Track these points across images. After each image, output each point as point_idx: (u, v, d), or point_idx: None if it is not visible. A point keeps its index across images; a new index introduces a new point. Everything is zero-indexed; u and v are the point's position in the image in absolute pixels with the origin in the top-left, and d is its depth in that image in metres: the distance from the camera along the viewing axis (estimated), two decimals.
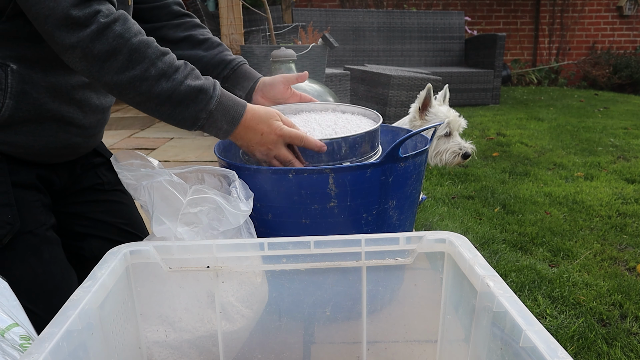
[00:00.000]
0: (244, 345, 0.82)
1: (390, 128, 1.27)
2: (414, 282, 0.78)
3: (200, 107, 0.87)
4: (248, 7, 3.36)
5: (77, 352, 0.58)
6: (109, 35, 0.80)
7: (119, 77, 0.82)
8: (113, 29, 0.80)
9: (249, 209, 0.85)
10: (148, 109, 0.87)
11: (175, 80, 0.84)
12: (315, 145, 0.94)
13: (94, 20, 0.78)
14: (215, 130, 0.91)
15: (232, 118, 0.90)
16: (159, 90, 0.84)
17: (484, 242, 2.19)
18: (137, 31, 0.83)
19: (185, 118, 0.87)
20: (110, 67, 0.81)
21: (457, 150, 1.64)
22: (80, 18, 0.78)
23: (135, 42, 0.81)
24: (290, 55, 1.67)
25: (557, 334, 1.55)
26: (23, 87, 0.90)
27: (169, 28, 1.13)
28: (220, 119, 0.89)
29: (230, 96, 0.91)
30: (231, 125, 0.90)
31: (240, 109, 0.91)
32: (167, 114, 0.87)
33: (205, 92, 0.87)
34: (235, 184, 0.88)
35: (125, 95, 0.85)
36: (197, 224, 0.82)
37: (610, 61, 7.08)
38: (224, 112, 0.89)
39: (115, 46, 0.80)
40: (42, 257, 0.95)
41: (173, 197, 0.82)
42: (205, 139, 3.43)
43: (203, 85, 0.87)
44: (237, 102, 0.91)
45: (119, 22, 0.81)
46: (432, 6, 7.14)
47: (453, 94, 5.42)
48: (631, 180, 3.03)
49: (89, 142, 1.06)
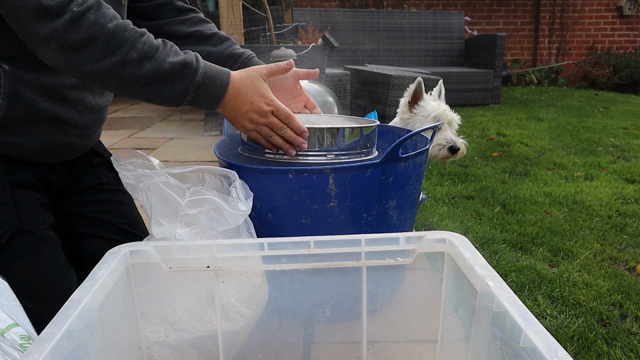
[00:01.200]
0: (244, 345, 0.82)
1: (390, 128, 1.27)
2: (414, 282, 0.78)
3: (187, 81, 0.86)
4: (248, 7, 3.36)
5: (77, 352, 0.58)
6: (84, 24, 0.78)
7: (99, 65, 0.80)
8: (87, 17, 0.78)
9: (247, 209, 0.85)
10: (134, 92, 0.85)
11: (158, 60, 0.83)
12: (298, 127, 0.93)
13: (67, 9, 0.77)
14: (204, 102, 0.89)
15: (219, 88, 0.89)
16: (143, 72, 0.82)
17: (484, 242, 2.19)
18: (112, 16, 0.81)
19: (173, 95, 0.86)
20: (89, 56, 0.79)
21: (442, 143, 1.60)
22: (53, 7, 0.76)
23: (112, 27, 0.80)
24: (290, 55, 1.67)
25: (557, 334, 1.55)
26: (16, 87, 0.90)
27: (174, 24, 1.12)
28: (207, 90, 0.88)
29: (213, 66, 0.90)
30: (219, 95, 0.89)
31: (225, 77, 0.90)
32: (154, 94, 0.85)
33: (189, 66, 0.85)
34: (235, 184, 0.88)
35: (108, 83, 0.83)
36: (196, 225, 0.82)
37: (610, 61, 7.08)
38: (210, 82, 0.88)
39: (92, 34, 0.78)
40: (41, 257, 0.95)
41: (171, 199, 0.82)
42: (205, 139, 3.43)
43: (185, 59, 0.86)
44: (221, 70, 0.90)
45: (92, 9, 0.79)
46: (432, 6, 7.14)
47: (453, 94, 5.42)
48: (631, 180, 3.03)
49: (85, 141, 1.06)
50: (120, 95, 0.90)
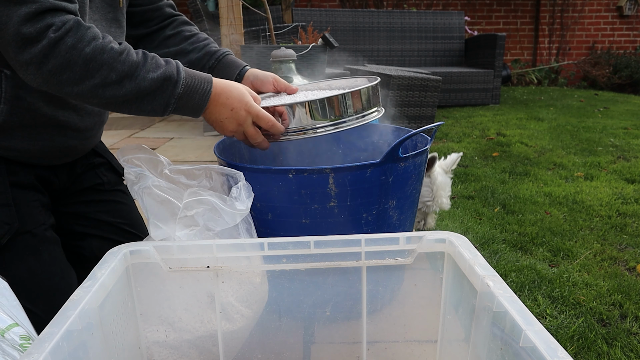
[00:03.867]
0: (244, 345, 0.82)
1: (390, 128, 1.27)
2: (414, 282, 0.78)
3: (168, 94, 0.86)
4: (248, 7, 3.36)
5: (77, 352, 0.58)
6: (62, 49, 0.77)
7: (79, 87, 0.80)
8: (65, 42, 0.77)
9: (245, 207, 0.84)
10: (115, 109, 0.86)
11: (139, 77, 0.83)
12: (278, 130, 0.95)
13: (44, 35, 0.76)
14: (187, 111, 0.90)
15: (201, 96, 0.90)
16: (124, 92, 0.83)
17: (484, 242, 2.19)
18: (90, 38, 0.80)
19: (155, 108, 0.87)
20: (68, 80, 0.80)
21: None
22: (32, 34, 0.76)
23: (89, 52, 0.79)
24: (290, 55, 1.67)
25: (557, 334, 1.55)
26: (17, 92, 0.90)
27: (159, 29, 1.15)
28: (189, 99, 0.89)
29: (195, 74, 0.90)
30: (201, 103, 0.90)
31: (207, 85, 0.90)
32: (136, 109, 0.86)
33: (169, 79, 0.86)
34: (239, 184, 0.88)
35: (90, 102, 0.84)
36: (194, 226, 0.82)
37: (610, 61, 7.08)
38: (192, 92, 0.89)
39: (69, 59, 0.78)
40: (41, 257, 0.95)
41: (167, 201, 0.82)
42: (205, 139, 3.43)
43: (165, 72, 0.86)
44: (203, 79, 0.91)
45: (70, 33, 0.78)
46: (432, 6, 7.14)
47: (453, 94, 5.43)
48: (631, 180, 3.03)
49: (86, 144, 1.06)
50: None
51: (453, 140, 4.02)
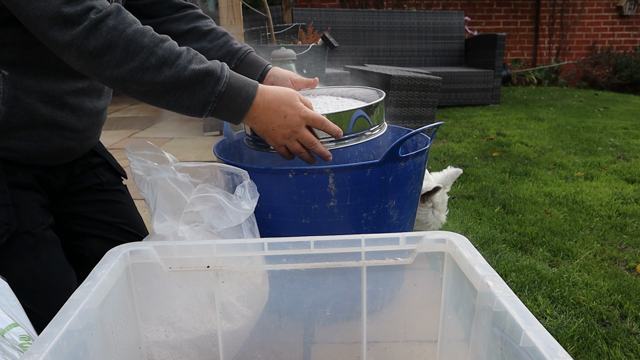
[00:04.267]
0: (244, 345, 0.82)
1: (390, 128, 1.26)
2: (414, 282, 0.78)
3: (208, 90, 0.84)
4: (248, 7, 3.36)
5: (77, 352, 0.58)
6: (103, 30, 0.78)
7: (118, 70, 0.80)
8: (106, 23, 0.78)
9: (251, 207, 0.84)
10: (154, 99, 0.85)
11: (179, 66, 0.82)
12: (334, 129, 0.92)
13: (86, 17, 0.77)
14: (228, 114, 0.88)
15: (244, 100, 0.87)
16: (162, 79, 0.82)
17: (484, 242, 2.19)
18: (131, 21, 0.81)
19: (194, 104, 0.85)
20: (108, 62, 0.80)
21: None
22: (73, 15, 0.77)
23: (130, 33, 0.80)
24: (290, 55, 1.67)
25: (557, 334, 1.55)
26: (15, 93, 0.90)
27: (171, 22, 1.12)
28: (231, 101, 0.86)
29: (240, 77, 0.88)
30: (244, 107, 0.88)
31: (252, 89, 0.88)
32: (174, 102, 0.85)
33: (211, 74, 0.84)
34: (244, 183, 0.88)
35: (128, 88, 0.83)
36: (198, 223, 0.82)
37: (610, 61, 7.08)
38: (234, 93, 0.86)
39: (110, 40, 0.79)
40: (41, 257, 0.95)
41: (177, 195, 0.82)
42: (206, 139, 3.43)
43: (209, 67, 0.84)
44: (248, 82, 0.88)
45: (112, 15, 0.79)
46: (432, 6, 7.14)
47: (453, 94, 5.43)
48: (631, 180, 3.03)
49: (84, 144, 1.06)
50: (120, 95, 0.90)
51: (453, 140, 4.02)
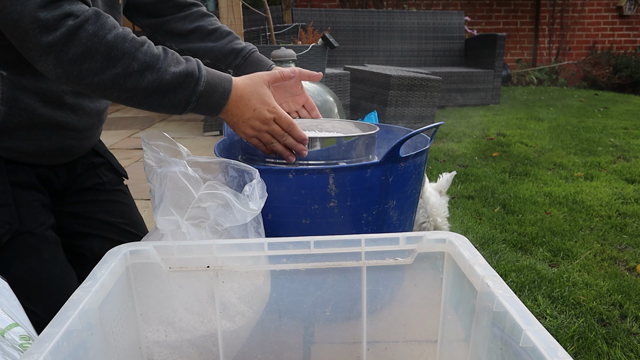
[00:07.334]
0: (244, 345, 0.82)
1: (390, 128, 1.27)
2: (414, 282, 0.78)
3: (189, 90, 0.84)
4: (248, 7, 3.36)
5: (77, 352, 0.58)
6: (82, 36, 0.75)
7: (100, 77, 0.78)
8: (85, 29, 0.76)
9: (257, 208, 0.84)
10: (136, 103, 0.84)
11: (160, 70, 0.81)
12: (299, 135, 0.92)
13: (63, 23, 0.75)
14: (206, 109, 0.88)
15: (221, 95, 0.88)
16: (145, 84, 0.81)
17: (484, 242, 2.19)
18: (111, 26, 0.79)
19: (175, 105, 0.85)
20: (88, 69, 0.77)
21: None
22: (49, 20, 0.74)
23: (111, 39, 0.77)
24: (290, 55, 1.67)
25: (557, 334, 1.55)
26: (14, 93, 0.90)
27: (176, 21, 1.11)
28: (209, 98, 0.87)
29: (214, 73, 0.89)
30: (221, 102, 0.88)
31: (227, 84, 0.88)
32: (157, 104, 0.84)
33: (191, 75, 0.84)
34: (253, 182, 0.88)
35: (110, 95, 0.81)
36: (204, 219, 0.82)
37: (611, 61, 7.08)
38: (212, 90, 0.87)
39: (90, 46, 0.76)
40: (42, 257, 0.95)
41: (186, 189, 0.81)
42: (206, 139, 3.43)
43: (187, 68, 0.84)
44: (223, 77, 0.89)
45: (90, 20, 0.76)
46: (432, 6, 7.14)
47: (453, 94, 5.42)
48: (631, 180, 3.03)
49: (84, 144, 1.06)
50: None
51: (453, 140, 4.02)
